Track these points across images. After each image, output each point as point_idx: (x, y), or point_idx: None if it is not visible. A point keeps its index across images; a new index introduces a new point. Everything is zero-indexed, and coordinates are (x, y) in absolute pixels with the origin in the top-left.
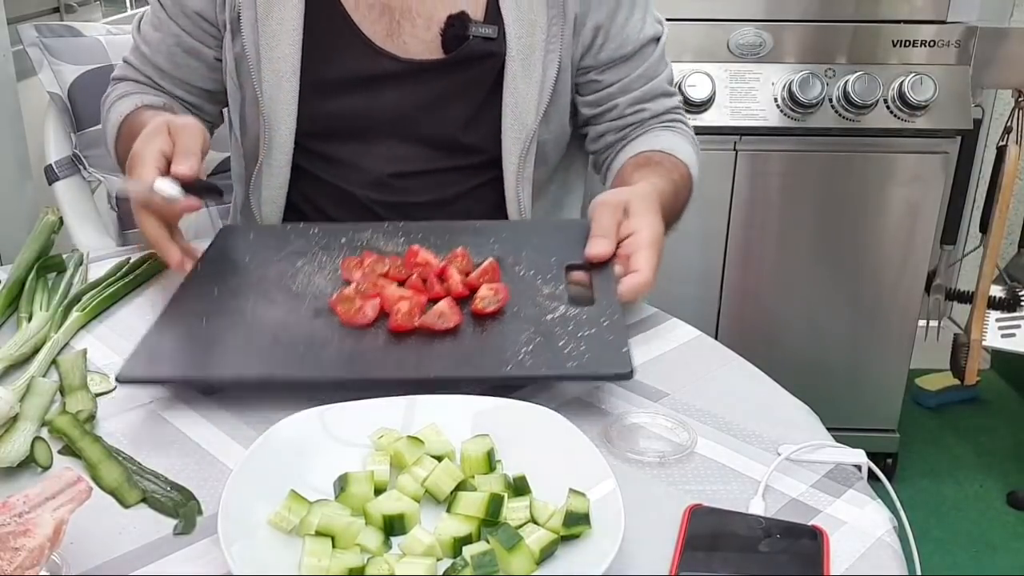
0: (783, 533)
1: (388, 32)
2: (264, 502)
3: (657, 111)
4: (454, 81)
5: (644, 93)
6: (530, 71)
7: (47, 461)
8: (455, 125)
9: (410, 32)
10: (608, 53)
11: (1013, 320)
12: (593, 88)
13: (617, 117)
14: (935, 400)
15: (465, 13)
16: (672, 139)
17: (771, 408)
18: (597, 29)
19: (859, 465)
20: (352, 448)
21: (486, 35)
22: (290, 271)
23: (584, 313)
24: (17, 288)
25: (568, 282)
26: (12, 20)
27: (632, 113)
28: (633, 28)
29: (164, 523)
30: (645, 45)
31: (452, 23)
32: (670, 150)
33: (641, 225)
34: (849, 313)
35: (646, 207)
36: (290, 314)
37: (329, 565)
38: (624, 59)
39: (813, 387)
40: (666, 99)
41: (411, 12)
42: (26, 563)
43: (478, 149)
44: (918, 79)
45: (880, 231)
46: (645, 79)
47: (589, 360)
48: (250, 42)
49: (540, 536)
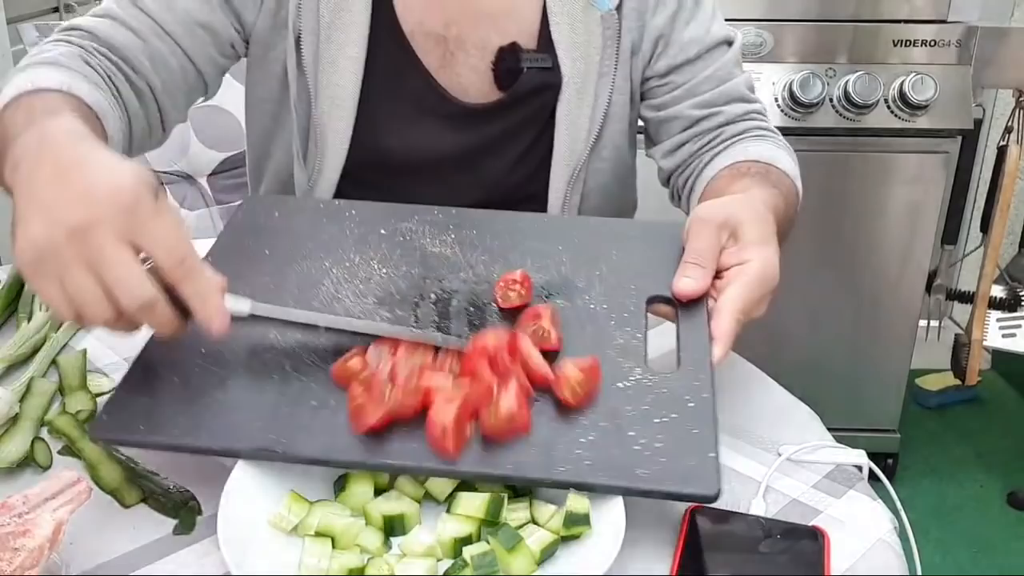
0: (784, 534)
1: (442, 63)
2: (264, 502)
3: (733, 115)
4: (510, 120)
5: (716, 97)
6: (583, 98)
7: (47, 461)
8: (508, 163)
9: (463, 62)
10: (668, 59)
11: (1014, 320)
12: (658, 93)
13: (688, 124)
14: (935, 400)
15: (517, 44)
16: (770, 149)
17: (771, 408)
18: (658, 38)
19: (859, 465)
20: None
21: (541, 65)
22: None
23: (664, 384)
24: (17, 288)
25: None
26: (12, 20)
27: (704, 118)
28: (696, 30)
29: (164, 523)
30: (714, 47)
31: (503, 56)
32: (770, 160)
33: (751, 257)
34: (849, 313)
35: (759, 233)
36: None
37: (329, 565)
38: (688, 62)
39: (813, 387)
40: (743, 104)
41: (465, 43)
42: (26, 563)
43: (526, 183)
44: (919, 79)
45: (880, 231)
46: (716, 82)
47: (666, 468)
48: (310, 66)
49: (540, 537)
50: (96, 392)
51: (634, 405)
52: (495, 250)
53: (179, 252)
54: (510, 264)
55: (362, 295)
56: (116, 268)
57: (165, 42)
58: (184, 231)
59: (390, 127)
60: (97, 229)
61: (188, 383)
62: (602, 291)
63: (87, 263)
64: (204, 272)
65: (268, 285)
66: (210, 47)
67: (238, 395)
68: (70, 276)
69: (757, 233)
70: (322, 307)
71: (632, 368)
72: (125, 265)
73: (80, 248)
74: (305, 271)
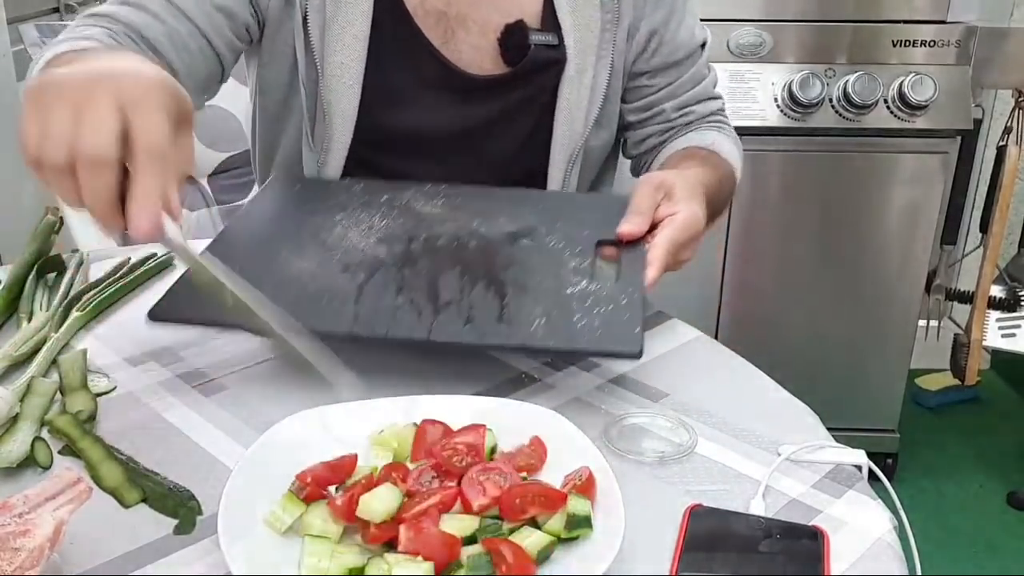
0: (783, 533)
1: (444, 40)
2: (264, 502)
3: (703, 113)
4: (516, 96)
5: (691, 97)
6: (583, 77)
7: (47, 461)
8: (515, 141)
9: (464, 39)
10: (661, 58)
11: (1013, 320)
12: (643, 93)
13: (663, 121)
14: (935, 400)
15: (523, 21)
16: (716, 137)
17: (771, 408)
18: (652, 34)
19: (859, 465)
20: (352, 448)
21: (548, 42)
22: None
23: (604, 289)
24: (17, 288)
25: (598, 256)
26: (12, 20)
27: (679, 117)
28: (685, 33)
29: (164, 523)
30: (695, 50)
31: (511, 32)
32: (714, 147)
33: (679, 209)
34: (849, 313)
35: (688, 193)
36: (319, 267)
37: (329, 565)
38: (676, 64)
39: (813, 387)
40: (712, 102)
41: (466, 20)
42: (26, 563)
43: (529, 160)
44: (918, 79)
45: (880, 231)
46: (693, 83)
47: (601, 336)
48: (317, 45)
49: (537, 539)
50: (96, 392)
51: (578, 302)
52: (475, 209)
53: (154, 148)
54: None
55: (365, 236)
56: (93, 114)
57: (184, 25)
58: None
59: (395, 103)
60: (100, 84)
61: None
62: (561, 234)
63: (74, 104)
64: (162, 180)
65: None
66: (227, 29)
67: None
68: (54, 109)
69: (686, 193)
70: (334, 244)
71: (580, 280)
72: (102, 119)
73: (78, 92)
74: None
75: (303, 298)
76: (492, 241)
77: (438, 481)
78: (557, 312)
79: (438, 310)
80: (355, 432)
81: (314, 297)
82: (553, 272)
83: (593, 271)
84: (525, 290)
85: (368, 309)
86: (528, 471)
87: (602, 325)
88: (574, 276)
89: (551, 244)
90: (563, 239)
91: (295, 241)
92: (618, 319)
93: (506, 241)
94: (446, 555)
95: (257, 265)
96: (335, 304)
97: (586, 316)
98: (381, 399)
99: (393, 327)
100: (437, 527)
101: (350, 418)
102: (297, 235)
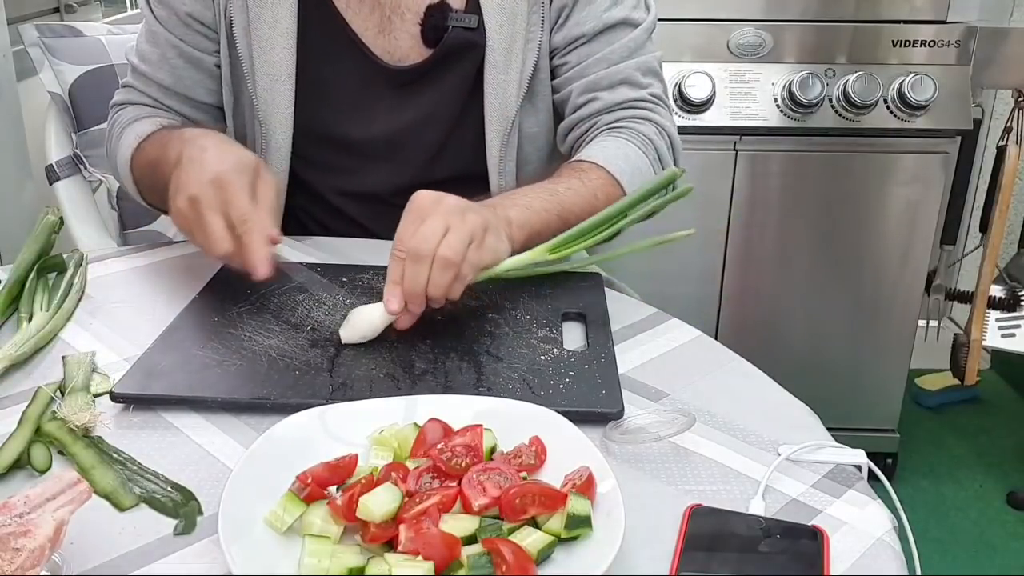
0: (783, 533)
1: (380, 28)
2: (264, 502)
3: (612, 101)
4: (441, 86)
5: (599, 79)
6: (510, 61)
7: (44, 465)
8: (445, 132)
9: (399, 27)
10: (566, 32)
11: (1013, 320)
12: (556, 73)
13: (572, 109)
14: (935, 400)
15: (446, 3)
16: (604, 149)
17: (771, 408)
18: (562, 8)
19: (859, 465)
20: (352, 448)
21: (466, 24)
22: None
23: (574, 356)
24: (17, 288)
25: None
26: (12, 20)
27: (584, 104)
28: (597, 8)
29: (164, 523)
30: (611, 27)
31: (431, 14)
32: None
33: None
34: (849, 313)
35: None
36: (287, 343)
37: (329, 565)
38: (584, 40)
39: (813, 387)
40: (628, 88)
41: (399, 7)
42: (26, 564)
43: (466, 154)
44: (918, 79)
45: (880, 231)
46: (605, 63)
47: (581, 397)
48: (243, 45)
49: (537, 539)
50: (96, 392)
51: (554, 368)
52: None
53: (244, 216)
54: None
55: (330, 314)
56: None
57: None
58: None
59: (329, 101)
60: (202, 201)
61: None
62: (525, 310)
63: (196, 219)
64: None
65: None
66: (203, 38)
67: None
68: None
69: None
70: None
71: (551, 348)
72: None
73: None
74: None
75: (274, 371)
76: (458, 316)
77: (438, 481)
78: (534, 378)
79: (415, 379)
80: (355, 432)
81: (284, 371)
82: (524, 341)
83: (562, 339)
84: (499, 359)
85: (344, 380)
86: (528, 471)
87: (581, 387)
88: (545, 344)
89: (517, 317)
90: (527, 312)
91: (258, 319)
92: (594, 380)
93: (472, 315)
94: (446, 555)
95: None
96: (308, 376)
97: (563, 380)
98: (380, 399)
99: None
100: (437, 527)
101: (350, 418)
102: (260, 313)
